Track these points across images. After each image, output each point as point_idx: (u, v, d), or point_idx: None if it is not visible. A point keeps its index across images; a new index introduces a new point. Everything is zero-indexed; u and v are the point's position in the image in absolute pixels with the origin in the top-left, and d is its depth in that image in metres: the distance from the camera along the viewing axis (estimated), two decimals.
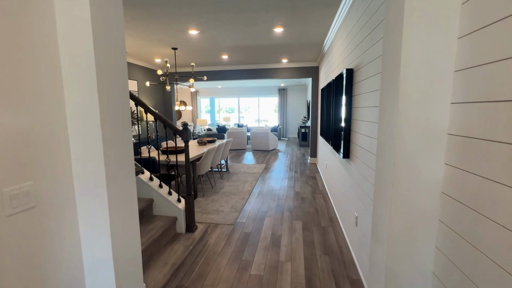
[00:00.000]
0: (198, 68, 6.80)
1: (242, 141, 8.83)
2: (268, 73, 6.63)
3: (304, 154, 7.98)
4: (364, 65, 2.16)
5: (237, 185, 4.70)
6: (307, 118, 9.72)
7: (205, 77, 4.89)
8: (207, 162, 4.20)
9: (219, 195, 4.17)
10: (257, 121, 14.04)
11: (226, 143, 5.30)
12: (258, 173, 5.60)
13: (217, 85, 12.17)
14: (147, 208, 2.50)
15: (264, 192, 4.32)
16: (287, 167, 6.22)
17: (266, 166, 6.29)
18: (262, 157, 7.47)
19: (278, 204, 3.78)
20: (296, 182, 4.92)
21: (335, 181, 3.61)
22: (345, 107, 2.64)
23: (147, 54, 5.32)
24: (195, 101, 13.68)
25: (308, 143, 9.58)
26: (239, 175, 5.44)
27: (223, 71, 6.82)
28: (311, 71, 6.41)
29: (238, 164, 6.48)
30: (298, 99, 12.84)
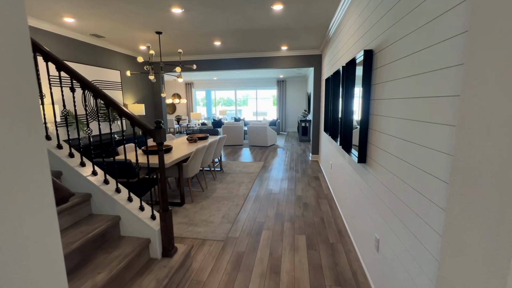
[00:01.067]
0: (188, 57, 6.19)
1: (239, 136, 8.29)
2: (267, 62, 6.04)
3: (305, 150, 7.46)
4: (392, 43, 1.61)
5: (231, 188, 4.18)
6: (307, 112, 9.17)
7: (194, 66, 4.32)
8: (196, 164, 3.66)
9: (210, 201, 3.66)
10: (255, 115, 13.47)
11: (219, 140, 4.75)
12: (255, 172, 5.08)
13: (212, 77, 11.54)
14: (112, 229, 1.98)
15: (262, 197, 3.81)
16: (287, 165, 5.71)
17: (264, 165, 5.77)
18: (260, 154, 6.95)
19: (278, 212, 3.27)
20: (297, 183, 4.41)
21: (343, 185, 3.09)
22: (362, 99, 2.10)
23: (130, 40, 4.71)
24: (190, 94, 13.07)
25: (308, 138, 9.06)
26: (234, 175, 4.92)
27: (216, 61, 6.22)
28: (313, 60, 5.83)
29: (234, 162, 5.95)
30: (297, 91, 12.25)
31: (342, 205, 3.15)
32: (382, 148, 1.77)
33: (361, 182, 2.27)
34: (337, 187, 3.53)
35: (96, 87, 1.95)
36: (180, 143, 4.45)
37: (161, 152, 1.96)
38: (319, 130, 5.96)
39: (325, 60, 5.05)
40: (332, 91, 3.69)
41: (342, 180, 3.16)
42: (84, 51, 4.43)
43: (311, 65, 5.86)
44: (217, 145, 4.72)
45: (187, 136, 5.03)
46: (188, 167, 3.53)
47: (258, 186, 4.28)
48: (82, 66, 4.36)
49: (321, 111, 5.61)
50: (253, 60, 6.08)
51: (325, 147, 4.90)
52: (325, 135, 4.78)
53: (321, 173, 5.04)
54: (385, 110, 1.72)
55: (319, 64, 5.81)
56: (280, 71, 9.66)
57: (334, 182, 3.74)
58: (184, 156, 3.46)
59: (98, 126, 2.02)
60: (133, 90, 5.76)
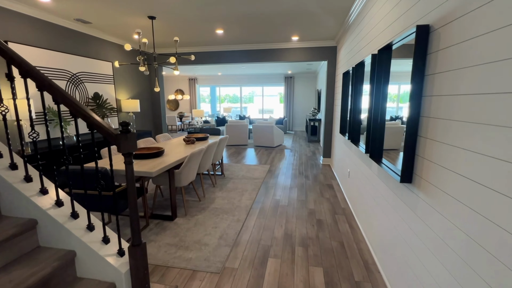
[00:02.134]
0: (187, 48, 5.63)
1: (243, 135, 7.73)
2: (275, 55, 5.44)
3: (314, 152, 6.86)
4: (468, 12, 1.02)
5: (233, 197, 3.63)
6: (317, 110, 8.54)
7: (192, 57, 3.76)
8: (190, 171, 3.12)
9: (206, 214, 3.11)
10: (261, 112, 12.90)
11: (220, 141, 4.20)
12: (260, 178, 4.52)
13: (216, 72, 10.99)
14: (63, 270, 1.45)
15: (268, 210, 3.25)
16: (296, 169, 5.13)
17: (270, 168, 5.21)
18: (266, 156, 6.38)
19: (287, 232, 2.70)
20: (308, 193, 3.83)
21: (368, 203, 2.51)
22: (410, 96, 1.51)
23: (121, 27, 4.17)
24: (194, 90, 12.55)
25: (317, 138, 8.44)
26: (236, 181, 4.37)
27: (219, 53, 5.65)
28: (327, 53, 5.21)
29: (237, 165, 5.40)
30: (306, 88, 11.61)
31: (367, 228, 2.57)
32: (446, 166, 1.19)
33: (404, 208, 1.69)
34: (358, 201, 2.95)
35: (40, 74, 1.41)
36: (175, 145, 3.91)
37: (129, 167, 1.41)
38: (332, 131, 5.36)
39: (342, 52, 4.43)
40: (353, 87, 3.09)
41: (367, 196, 2.58)
42: (68, 39, 3.91)
43: (324, 58, 5.24)
44: (218, 147, 4.17)
45: (183, 137, 4.49)
46: (181, 174, 2.99)
47: (263, 196, 3.72)
48: (66, 56, 3.85)
49: (335, 110, 5.00)
50: (260, 53, 5.49)
51: (340, 150, 4.30)
52: (341, 137, 4.19)
53: (334, 180, 4.44)
54: (457, 111, 1.13)
55: (333, 57, 5.18)
56: (288, 66, 9.05)
57: (354, 195, 3.16)
58: (176, 162, 2.92)
59: (46, 128, 1.48)
60: (127, 84, 5.24)
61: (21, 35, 3.27)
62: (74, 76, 3.99)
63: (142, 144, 3.85)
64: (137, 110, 5.11)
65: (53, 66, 3.65)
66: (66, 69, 3.85)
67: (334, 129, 5.16)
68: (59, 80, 3.74)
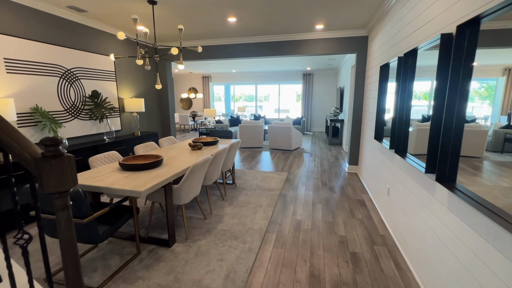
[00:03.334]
0: (195, 42, 5.08)
1: (258, 137, 7.13)
2: (296, 47, 4.77)
3: (337, 157, 6.13)
4: None
5: (244, 215, 3.04)
6: (339, 110, 7.78)
7: (200, 48, 3.19)
8: (191, 186, 2.55)
9: (211, 239, 2.54)
10: (277, 111, 12.24)
11: (231, 147, 3.61)
12: (276, 189, 3.89)
13: (230, 69, 10.45)
14: None
15: (287, 235, 2.63)
16: (318, 178, 4.46)
17: (288, 177, 4.57)
18: (283, 161, 5.74)
19: (313, 273, 2.07)
20: (336, 211, 3.17)
21: (431, 241, 1.82)
22: None
23: (121, 16, 3.68)
24: (207, 88, 12.10)
25: (339, 140, 7.69)
26: (249, 192, 3.77)
27: (232, 46, 5.06)
28: (356, 43, 4.48)
29: (250, 172, 4.80)
30: (326, 86, 10.82)
31: (424, 272, 1.89)
32: None
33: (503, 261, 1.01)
34: (406, 231, 2.25)
35: None
36: (179, 151, 3.37)
37: (62, 214, 0.83)
38: (361, 135, 4.63)
39: (377, 42, 3.71)
40: (400, 82, 2.39)
41: (424, 230, 1.89)
42: (61, 30, 3.46)
43: (352, 50, 4.52)
44: (229, 154, 3.59)
45: (190, 140, 3.96)
46: (180, 191, 2.43)
47: (280, 214, 3.10)
48: (59, 50, 3.40)
49: (366, 110, 4.27)
50: (278, 45, 4.85)
51: (373, 159, 3.59)
52: (375, 144, 3.48)
53: (365, 194, 3.74)
54: None
55: (363, 49, 4.45)
56: (307, 62, 8.33)
57: (398, 221, 2.46)
58: (174, 175, 2.36)
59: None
60: (131, 81, 4.77)
61: (5, 24, 2.83)
62: (68, 72, 3.54)
63: (141, 150, 3.34)
64: (142, 110, 4.64)
65: (43, 60, 3.21)
66: (59, 64, 3.41)
67: (363, 132, 4.44)
68: (49, 76, 3.29)
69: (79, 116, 3.72)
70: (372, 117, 3.70)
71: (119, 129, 4.50)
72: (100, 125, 4.06)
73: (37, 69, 3.16)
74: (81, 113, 3.74)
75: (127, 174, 2.35)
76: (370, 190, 3.68)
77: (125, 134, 4.66)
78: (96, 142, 3.85)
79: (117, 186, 2.03)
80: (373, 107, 3.66)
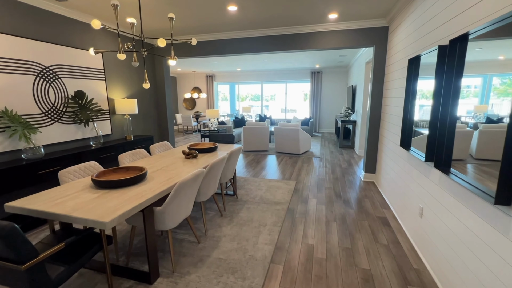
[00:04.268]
0: (191, 36, 4.61)
1: (263, 139, 6.64)
2: (306, 40, 4.26)
3: (350, 162, 5.59)
4: None
5: (245, 237, 2.56)
6: (351, 110, 7.22)
7: (194, 40, 2.72)
8: (179, 207, 2.08)
9: (204, 272, 2.07)
10: (283, 111, 11.72)
11: (231, 154, 3.13)
12: (283, 202, 3.40)
13: (235, 68, 9.98)
14: None
15: (296, 267, 2.14)
16: (330, 189, 3.94)
17: (296, 186, 4.07)
18: (290, 166, 5.24)
19: None
20: (355, 234, 2.65)
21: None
22: None
23: (108, 5, 3.25)
24: (211, 88, 11.67)
25: (351, 143, 7.13)
26: (252, 206, 3.29)
27: (233, 41, 4.58)
28: (375, 35, 3.94)
29: (254, 180, 4.32)
30: (335, 84, 10.24)
31: None
32: None
33: None
34: (453, 269, 1.73)
35: None
36: (171, 160, 2.91)
37: None
38: (379, 140, 4.09)
39: (402, 32, 3.17)
40: (444, 78, 1.86)
41: (490, 280, 1.37)
42: (39, 23, 3.04)
43: (369, 43, 3.98)
44: (228, 163, 3.11)
45: (187, 146, 3.51)
46: (164, 215, 1.96)
47: (288, 236, 2.61)
48: (35, 44, 2.99)
49: (386, 111, 3.73)
50: (286, 39, 4.34)
51: (397, 169, 3.06)
52: (402, 152, 2.94)
53: (387, 209, 3.21)
54: None
55: (383, 42, 3.91)
56: (316, 59, 7.78)
57: (438, 252, 1.94)
58: (156, 195, 1.90)
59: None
60: (123, 80, 4.35)
61: None
62: (47, 70, 3.12)
63: (127, 159, 2.89)
64: (135, 111, 4.21)
65: (15, 56, 2.80)
66: (35, 60, 2.99)
67: (382, 137, 3.89)
68: (23, 74, 2.88)
69: (60, 119, 3.30)
70: (397, 120, 3.17)
71: (109, 133, 4.08)
72: (86, 129, 3.64)
73: (8, 67, 2.74)
74: (62, 116, 3.32)
75: (100, 193, 1.90)
76: (393, 206, 3.15)
77: (116, 138, 4.24)
78: (81, 148, 3.43)
79: (78, 213, 1.58)
80: (398, 108, 3.12)
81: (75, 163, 3.17)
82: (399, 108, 3.03)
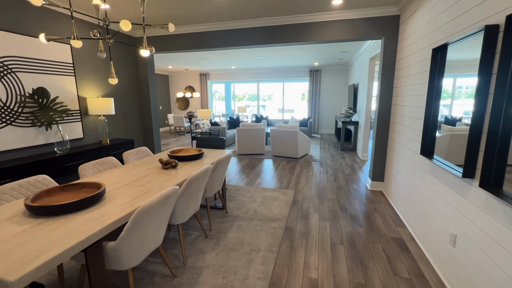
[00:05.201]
0: (177, 28, 4.09)
1: (259, 142, 6.14)
2: (305, 32, 3.77)
3: (353, 166, 5.12)
4: None
5: (232, 269, 2.06)
6: (353, 111, 6.76)
7: (171, 26, 2.21)
8: (140, 242, 1.58)
9: None
10: (281, 111, 11.25)
11: (217, 164, 2.63)
12: (281, 219, 2.91)
13: (230, 66, 9.47)
14: None
15: None
16: (334, 200, 3.46)
17: (295, 198, 3.58)
18: (288, 172, 4.75)
19: None
20: (368, 262, 2.17)
21: None
22: None
23: None
24: (205, 86, 11.16)
25: (353, 145, 6.66)
26: (244, 224, 2.79)
27: (224, 33, 4.08)
28: (384, 25, 3.46)
29: (248, 190, 3.82)
30: (335, 83, 9.79)
31: None
32: None
33: None
34: None
35: None
36: (144, 171, 2.40)
37: None
38: (388, 143, 3.62)
39: (420, 18, 2.69)
40: (497, 69, 1.39)
41: None
42: None
43: (378, 34, 3.50)
44: (214, 174, 2.61)
45: (168, 152, 3.01)
46: (119, 253, 1.46)
47: (286, 267, 2.11)
48: None
49: (399, 112, 3.26)
50: (283, 30, 3.85)
51: (415, 181, 2.58)
52: (424, 162, 2.47)
53: (403, 228, 2.73)
54: None
55: (393, 32, 3.43)
56: (315, 56, 7.30)
57: None
58: (111, 225, 1.39)
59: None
60: (98, 76, 3.82)
61: None
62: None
63: (91, 169, 2.38)
64: (111, 112, 3.69)
65: None
66: None
67: (393, 141, 3.42)
68: None
69: (15, 122, 2.77)
70: (413, 123, 2.69)
71: (81, 136, 3.55)
72: (49, 133, 3.12)
73: None
74: (17, 118, 2.79)
75: (30, 225, 1.39)
76: (410, 224, 2.67)
77: (89, 143, 3.71)
78: (42, 156, 2.91)
79: None
80: (415, 108, 2.64)
81: (32, 174, 2.65)
82: (418, 108, 2.56)
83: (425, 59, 2.43)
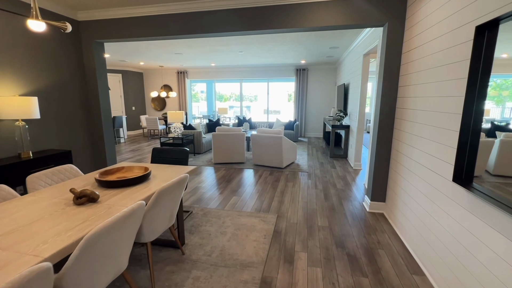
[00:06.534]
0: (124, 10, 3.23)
1: (238, 149, 5.35)
2: (290, 16, 3.01)
3: (345, 179, 4.42)
4: None
5: None
6: (344, 113, 6.09)
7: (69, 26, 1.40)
8: None
9: None
10: (266, 112, 10.51)
11: (161, 193, 1.80)
12: (256, 264, 2.12)
13: (209, 63, 8.61)
14: None
15: None
16: (326, 229, 2.72)
17: (277, 225, 2.80)
18: (270, 188, 3.98)
19: None
20: None
21: None
22: None
23: None
24: (183, 85, 10.23)
25: (344, 152, 5.99)
26: (202, 276, 1.98)
27: (182, 16, 3.25)
28: (387, 9, 2.76)
29: (218, 214, 3.01)
30: (323, 83, 9.16)
31: None
32: None
33: None
34: None
35: None
36: (43, 211, 1.54)
37: None
38: (391, 155, 2.92)
39: None
40: None
41: None
42: None
43: (379, 21, 2.79)
44: (155, 211, 1.78)
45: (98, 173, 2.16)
46: None
47: None
48: None
49: (408, 118, 2.55)
50: (262, 13, 3.07)
51: (432, 209, 1.87)
52: (454, 189, 1.75)
53: (419, 276, 2.01)
54: None
55: (400, 16, 2.73)
56: (302, 53, 6.59)
57: None
58: None
59: None
60: (16, 69, 2.89)
61: None
62: None
63: None
64: (34, 116, 2.78)
65: None
66: None
67: (399, 154, 2.72)
68: None
69: None
70: (438, 135, 1.98)
71: None
72: None
73: None
74: None
75: None
76: (430, 270, 1.95)
77: (1, 157, 2.78)
78: None
79: None
80: (440, 115, 1.93)
81: None
82: (444, 114, 1.84)
83: (458, 44, 1.71)
